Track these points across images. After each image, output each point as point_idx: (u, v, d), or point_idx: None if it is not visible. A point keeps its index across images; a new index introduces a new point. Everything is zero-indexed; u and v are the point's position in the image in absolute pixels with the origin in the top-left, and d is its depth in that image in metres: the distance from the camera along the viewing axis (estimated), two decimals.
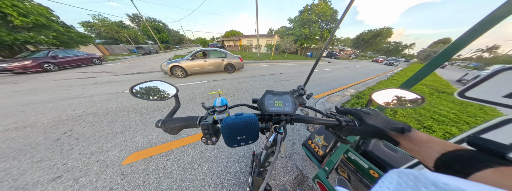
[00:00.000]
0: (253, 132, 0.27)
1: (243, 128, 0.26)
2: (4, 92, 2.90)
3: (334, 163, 0.74)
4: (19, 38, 7.14)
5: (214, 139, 0.29)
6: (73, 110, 2.00)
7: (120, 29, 25.48)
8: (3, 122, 1.71)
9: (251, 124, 0.26)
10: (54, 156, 1.22)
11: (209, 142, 0.29)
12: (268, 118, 0.31)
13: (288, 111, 0.30)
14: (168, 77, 3.99)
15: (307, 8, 15.23)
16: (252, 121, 0.26)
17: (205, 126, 0.28)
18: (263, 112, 0.31)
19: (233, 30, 24.82)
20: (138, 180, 1.01)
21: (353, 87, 3.70)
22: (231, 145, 0.27)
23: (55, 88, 3.08)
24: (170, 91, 0.36)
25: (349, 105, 2.36)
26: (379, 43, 33.13)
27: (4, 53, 7.54)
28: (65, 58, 5.72)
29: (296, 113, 0.31)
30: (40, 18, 7.34)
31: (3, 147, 1.30)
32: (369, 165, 0.73)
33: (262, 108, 0.31)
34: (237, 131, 0.26)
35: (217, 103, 0.30)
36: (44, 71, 5.07)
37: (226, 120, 0.26)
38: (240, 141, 0.27)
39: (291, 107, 0.31)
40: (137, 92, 0.33)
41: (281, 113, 0.30)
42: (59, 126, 1.61)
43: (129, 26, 35.14)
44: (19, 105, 2.21)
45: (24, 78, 4.16)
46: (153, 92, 0.35)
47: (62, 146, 1.32)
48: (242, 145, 0.28)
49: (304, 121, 0.31)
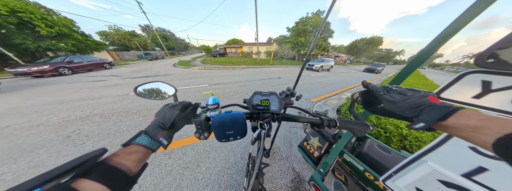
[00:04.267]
0: (241, 127, 0.28)
1: (231, 124, 0.27)
2: (22, 94, 3.00)
3: (329, 165, 0.73)
4: (42, 46, 7.64)
5: (206, 134, 0.31)
6: (81, 111, 2.04)
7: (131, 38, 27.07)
8: (19, 121, 1.79)
9: (239, 120, 0.28)
10: (69, 148, 1.30)
11: (201, 137, 0.31)
12: (256, 117, 0.32)
13: (273, 110, 0.32)
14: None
15: (302, 20, 16.41)
16: (239, 117, 0.28)
17: (198, 122, 0.30)
18: (250, 110, 0.33)
19: (235, 39, 26.08)
20: (144, 172, 1.00)
21: (349, 91, 3.73)
22: (221, 139, 0.28)
23: (66, 90, 3.18)
24: (169, 91, 0.38)
25: (345, 108, 2.36)
26: (371, 50, 34.24)
27: (26, 58, 7.96)
28: (79, 63, 5.99)
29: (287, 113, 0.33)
30: (64, 28, 7.96)
31: (19, 143, 1.37)
32: (364, 168, 0.71)
33: (249, 106, 0.33)
34: (225, 127, 0.27)
35: (210, 102, 0.32)
36: (59, 75, 5.26)
37: (216, 116, 0.27)
38: (229, 136, 0.28)
39: (277, 106, 0.33)
40: (140, 93, 0.35)
41: (266, 111, 0.32)
42: (68, 125, 1.65)
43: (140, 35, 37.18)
44: (34, 106, 2.28)
45: (40, 81, 4.32)
46: (155, 92, 0.37)
47: (74, 141, 1.38)
48: (231, 140, 0.29)
49: (289, 119, 0.33)
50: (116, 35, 25.22)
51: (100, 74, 5.41)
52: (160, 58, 16.60)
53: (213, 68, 7.19)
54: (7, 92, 3.17)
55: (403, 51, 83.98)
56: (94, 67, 6.54)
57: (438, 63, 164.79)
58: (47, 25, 7.43)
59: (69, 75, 5.44)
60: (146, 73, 5.58)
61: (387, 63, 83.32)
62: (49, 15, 7.71)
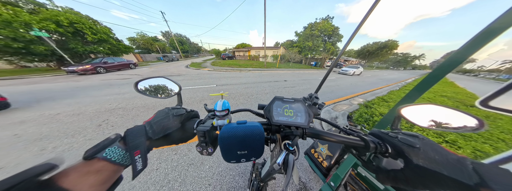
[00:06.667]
0: (257, 146, 0.21)
1: (245, 140, 0.20)
2: (70, 87, 3.59)
3: (341, 178, 0.63)
4: (87, 49, 9.36)
5: (210, 149, 0.23)
6: (109, 104, 2.31)
7: (153, 42, 31.00)
8: (67, 109, 2.16)
9: (256, 137, 0.21)
10: (99, 136, 1.48)
11: (204, 152, 0.23)
12: (275, 129, 0.25)
13: (301, 123, 0.23)
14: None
15: (310, 25, 16.36)
16: (257, 132, 0.21)
17: (201, 133, 0.22)
18: (270, 122, 0.24)
19: (243, 43, 27.17)
20: (152, 166, 1.07)
21: (361, 96, 3.41)
22: (229, 160, 0.22)
23: (101, 86, 3.66)
24: (173, 88, 0.32)
25: (357, 114, 2.11)
26: (385, 54, 31.55)
27: (76, 60, 9.72)
28: (111, 63, 6.94)
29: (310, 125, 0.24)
30: (104, 35, 9.65)
31: (65, 128, 1.63)
32: (385, 186, 0.59)
33: (269, 116, 0.24)
34: (237, 144, 0.20)
35: (218, 107, 0.23)
36: (96, 73, 6.22)
37: (226, 128, 0.21)
38: (241, 157, 0.22)
39: (304, 119, 0.24)
40: (141, 88, 0.29)
41: (292, 124, 0.23)
42: (100, 116, 1.91)
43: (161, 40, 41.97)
44: (77, 98, 2.69)
45: (83, 78, 5.11)
46: (156, 89, 0.31)
47: (103, 130, 1.58)
48: (243, 162, 0.22)
49: (320, 137, 0.24)
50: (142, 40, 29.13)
51: (126, 73, 6.21)
52: (175, 60, 18.24)
53: (221, 69, 7.50)
54: (62, 83, 3.82)
55: (424, 55, 75.42)
56: (122, 67, 7.54)
57: (470, 69, 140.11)
58: (92, 33, 9.10)
59: (103, 73, 6.35)
60: (163, 73, 6.16)
61: (404, 68, 75.90)
62: (94, 25, 9.40)
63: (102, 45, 10.05)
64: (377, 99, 3.01)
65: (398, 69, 62.82)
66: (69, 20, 7.91)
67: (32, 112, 2.03)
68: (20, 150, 1.28)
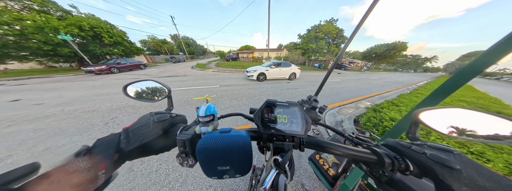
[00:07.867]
0: (242, 161, 0.18)
1: (227, 153, 0.17)
2: (87, 86, 3.84)
3: (349, 189, 0.58)
4: (104, 51, 10.20)
5: (191, 161, 0.19)
6: (120, 102, 2.42)
7: (163, 44, 33.21)
8: (82, 106, 2.31)
9: (240, 149, 0.17)
10: (103, 134, 1.53)
11: (185, 164, 0.19)
12: (267, 138, 0.21)
13: (297, 132, 0.20)
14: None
15: (314, 27, 16.34)
16: (241, 143, 0.17)
17: (181, 142, 0.18)
18: (260, 131, 0.21)
19: (247, 45, 27.58)
20: (152, 168, 1.05)
21: (368, 99, 3.24)
22: (210, 175, 0.19)
23: (113, 85, 3.89)
24: (162, 92, 0.30)
25: (365, 118, 1.97)
26: (393, 56, 30.08)
27: (93, 60, 10.57)
28: (124, 64, 7.41)
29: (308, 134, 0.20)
30: (119, 38, 10.47)
31: (79, 124, 1.72)
32: None
33: (258, 124, 0.21)
34: (218, 158, 0.17)
35: (202, 112, 0.20)
36: (110, 73, 6.68)
37: (204, 138, 0.17)
38: (223, 173, 0.18)
39: (300, 126, 0.20)
40: (131, 91, 0.27)
41: (286, 133, 0.20)
42: (111, 113, 2.01)
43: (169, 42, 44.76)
44: (92, 96, 2.87)
45: (99, 77, 5.49)
46: (145, 93, 0.29)
47: (109, 129, 1.63)
48: (226, 178, 0.18)
49: (321, 148, 0.20)
50: (152, 43, 31.03)
51: (136, 73, 6.61)
52: (182, 61, 19.11)
53: (225, 70, 7.67)
54: (80, 83, 4.13)
55: (436, 57, 70.37)
56: (133, 67, 8.04)
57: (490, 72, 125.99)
58: (109, 36, 9.90)
59: (116, 73, 6.80)
60: (170, 73, 6.38)
61: (415, 70, 71.33)
62: (111, 29, 10.23)
63: (117, 47, 10.87)
64: (386, 103, 2.83)
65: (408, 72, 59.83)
66: (90, 25, 8.73)
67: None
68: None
